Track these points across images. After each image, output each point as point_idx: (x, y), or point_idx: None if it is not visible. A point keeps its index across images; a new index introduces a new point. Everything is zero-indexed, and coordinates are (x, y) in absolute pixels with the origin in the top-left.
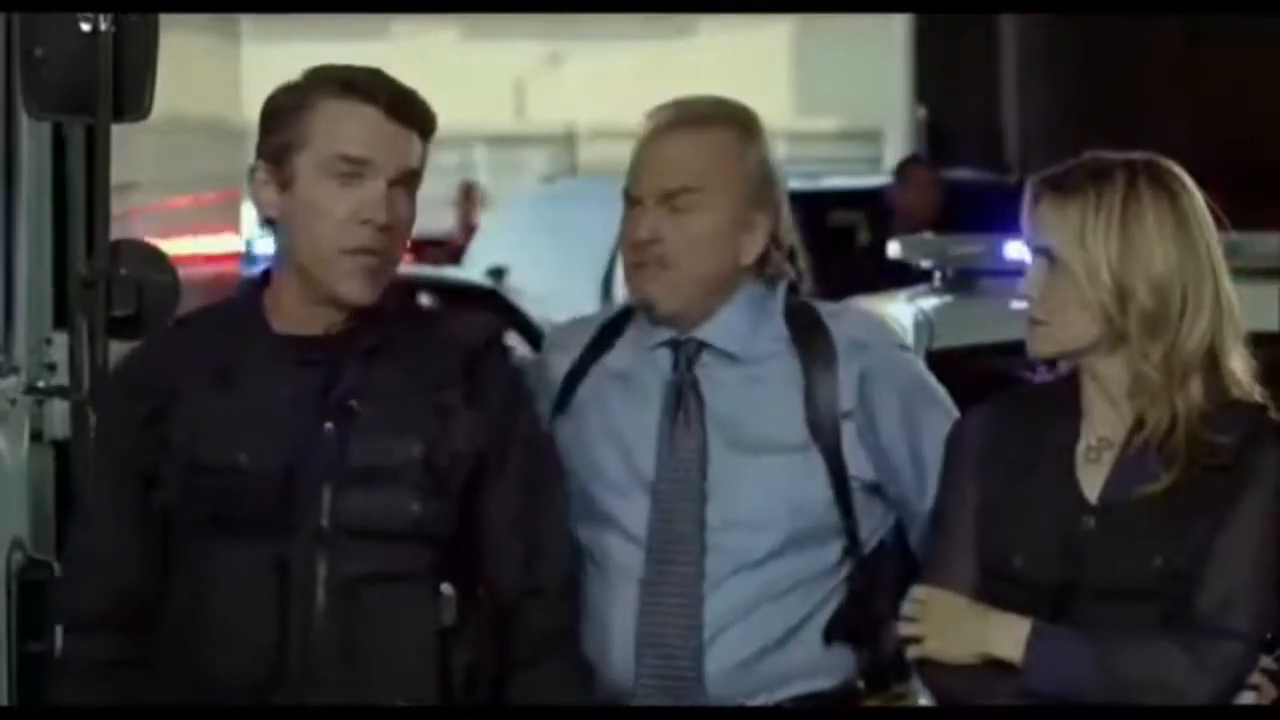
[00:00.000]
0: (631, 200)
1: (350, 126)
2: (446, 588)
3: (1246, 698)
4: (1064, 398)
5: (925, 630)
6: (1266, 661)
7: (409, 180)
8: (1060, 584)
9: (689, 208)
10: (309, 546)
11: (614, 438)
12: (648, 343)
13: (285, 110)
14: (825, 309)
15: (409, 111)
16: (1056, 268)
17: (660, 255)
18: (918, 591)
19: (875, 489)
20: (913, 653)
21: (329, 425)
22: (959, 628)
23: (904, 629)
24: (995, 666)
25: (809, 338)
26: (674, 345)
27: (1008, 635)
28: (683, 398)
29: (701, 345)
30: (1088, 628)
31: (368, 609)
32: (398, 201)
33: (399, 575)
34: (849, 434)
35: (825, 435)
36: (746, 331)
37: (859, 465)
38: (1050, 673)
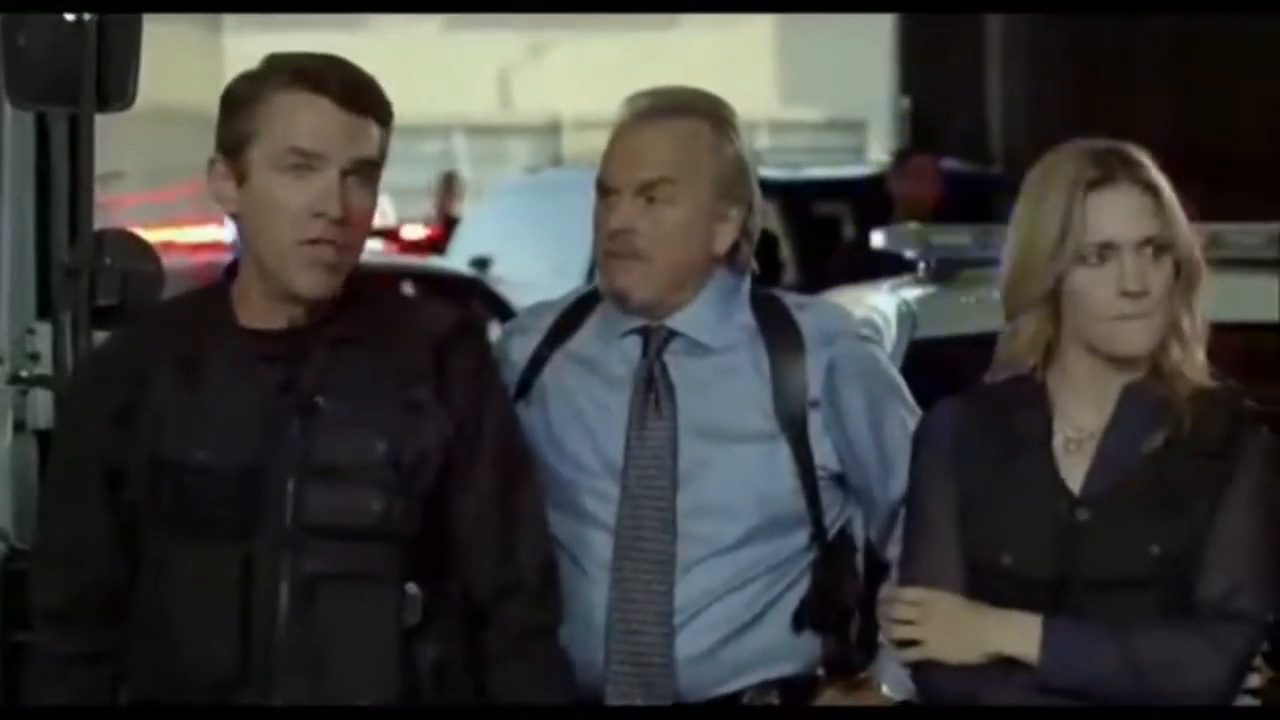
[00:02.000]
0: (606, 190)
1: (301, 117)
2: (411, 587)
3: (1253, 680)
4: (1028, 393)
5: (926, 633)
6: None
7: (365, 170)
8: (1054, 578)
9: (665, 199)
10: (272, 545)
11: (581, 424)
12: (616, 330)
13: (239, 101)
14: (791, 300)
15: (362, 99)
16: (1162, 255)
17: (635, 246)
18: (911, 594)
19: (839, 478)
20: (912, 655)
21: (293, 422)
22: (963, 628)
23: (900, 632)
24: (1000, 665)
25: (777, 328)
26: (644, 333)
27: (1017, 633)
28: (652, 385)
29: (672, 334)
30: (1084, 620)
31: (330, 608)
32: (352, 193)
33: (362, 574)
34: (815, 423)
35: (792, 424)
36: (716, 321)
37: (824, 454)
38: (1070, 666)
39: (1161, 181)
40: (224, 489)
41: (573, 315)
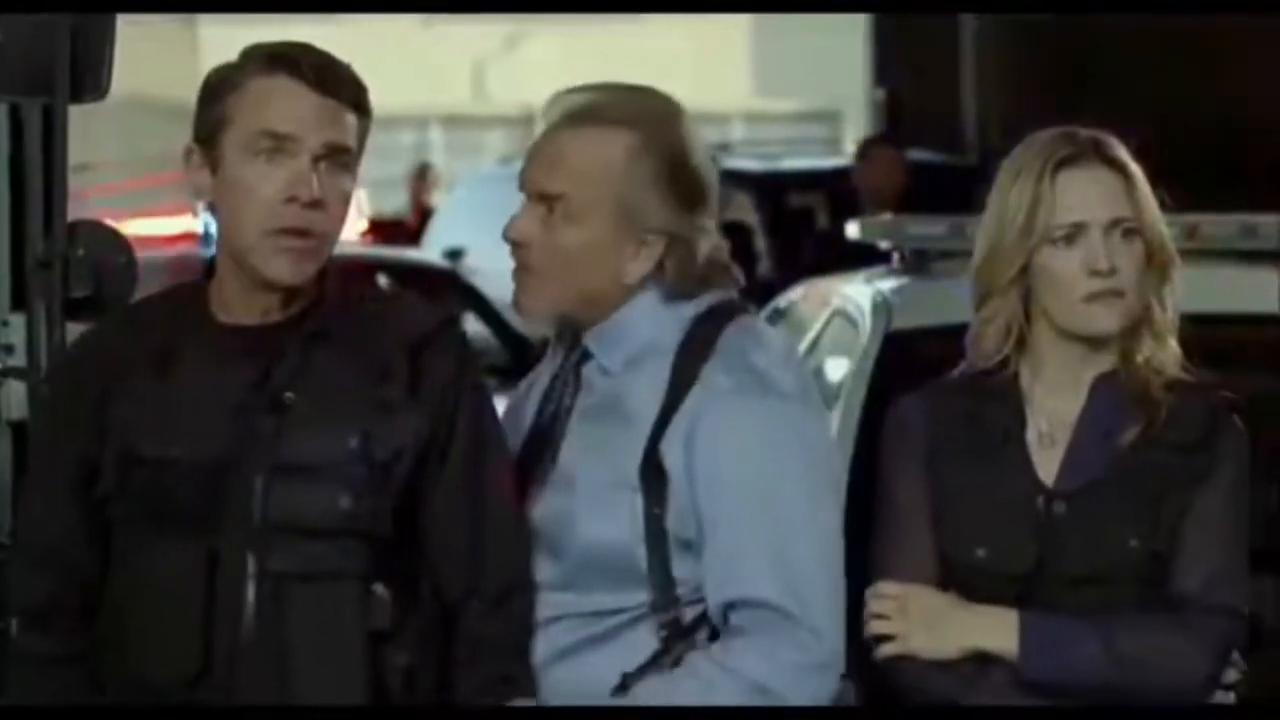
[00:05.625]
0: (520, 190)
1: (273, 101)
2: (380, 588)
3: (1229, 675)
4: (1000, 386)
5: (905, 627)
6: None
7: (339, 156)
8: (1029, 572)
9: (563, 216)
10: (239, 542)
11: (525, 429)
12: (563, 337)
13: (214, 89)
14: (734, 329)
15: (335, 83)
16: (1132, 237)
17: (528, 260)
18: (890, 588)
19: (688, 545)
20: (891, 649)
21: (264, 418)
22: (942, 623)
23: (878, 627)
24: (977, 660)
25: (686, 366)
26: (569, 346)
27: (996, 627)
28: (557, 398)
29: (587, 352)
30: (1060, 614)
31: (296, 607)
32: (326, 179)
33: (329, 574)
34: (671, 485)
35: (650, 479)
36: (638, 340)
37: (673, 520)
38: (1051, 660)
39: (1132, 164)
40: (193, 484)
41: None
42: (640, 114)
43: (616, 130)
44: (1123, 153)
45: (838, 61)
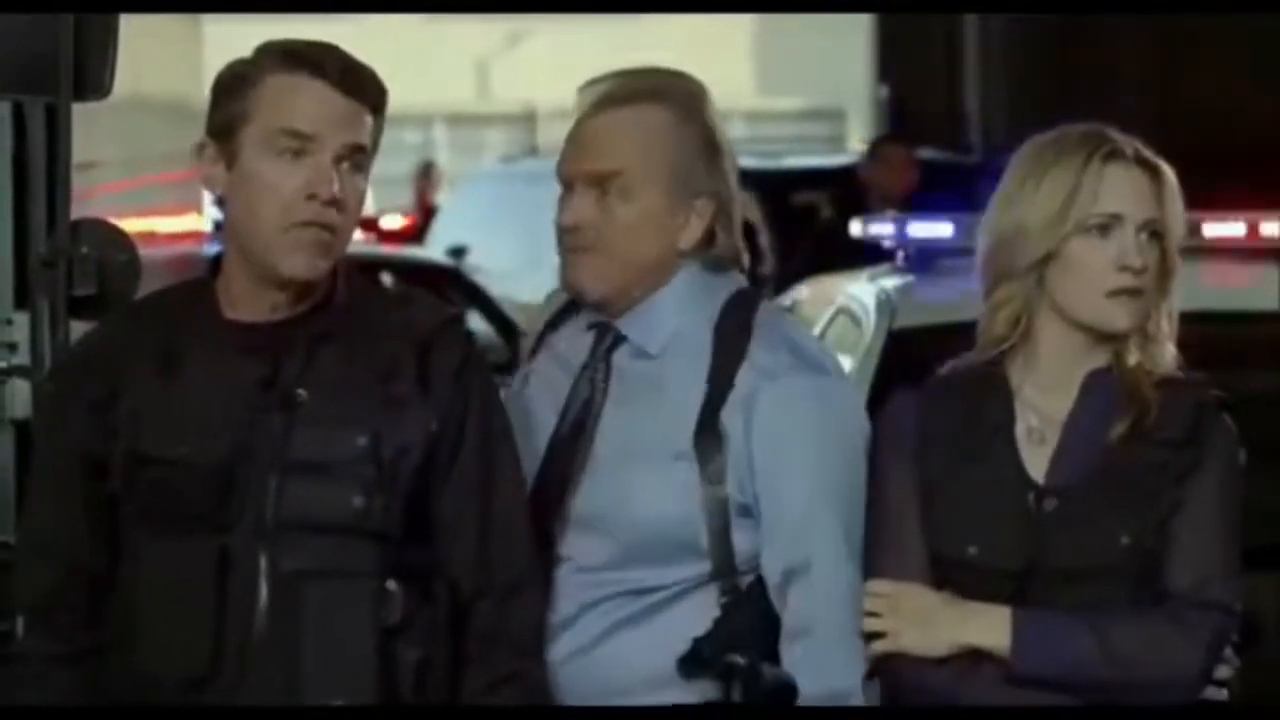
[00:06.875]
0: (561, 181)
1: (295, 100)
2: (391, 584)
3: (1222, 671)
4: (991, 381)
5: (897, 625)
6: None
7: (357, 156)
8: (1020, 569)
9: (618, 192)
10: (250, 540)
11: (541, 422)
12: (584, 324)
13: (232, 84)
14: (765, 313)
15: (357, 85)
16: (1155, 240)
17: (587, 242)
18: (881, 586)
19: (748, 512)
20: (883, 647)
21: (273, 416)
22: (934, 620)
23: (870, 624)
24: (969, 657)
25: (729, 343)
26: (600, 330)
27: (988, 624)
28: (588, 387)
29: (621, 336)
30: (1052, 610)
31: (308, 605)
32: (344, 178)
33: (341, 571)
34: (730, 455)
35: (706, 451)
36: (673, 324)
37: (734, 488)
38: (1045, 656)
39: (1165, 168)
40: (203, 483)
41: (569, 307)
42: (672, 90)
43: (655, 106)
44: (1155, 157)
45: (841, 59)
